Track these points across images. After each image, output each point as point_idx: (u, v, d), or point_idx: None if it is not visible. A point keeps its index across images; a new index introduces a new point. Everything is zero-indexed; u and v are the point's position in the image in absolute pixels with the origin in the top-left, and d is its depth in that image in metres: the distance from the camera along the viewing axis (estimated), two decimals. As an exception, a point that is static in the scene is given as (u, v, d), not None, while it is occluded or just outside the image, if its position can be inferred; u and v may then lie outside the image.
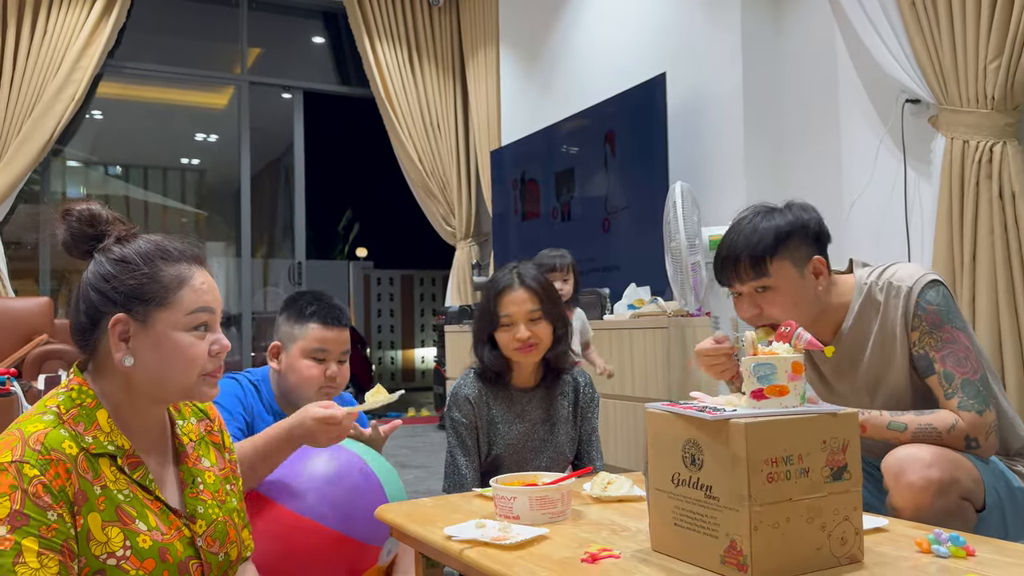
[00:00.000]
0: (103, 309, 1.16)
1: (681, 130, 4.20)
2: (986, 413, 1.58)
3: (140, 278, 1.17)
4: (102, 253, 1.19)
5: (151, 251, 1.19)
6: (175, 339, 1.17)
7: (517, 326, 2.01)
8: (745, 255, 1.67)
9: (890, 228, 3.44)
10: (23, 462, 1.04)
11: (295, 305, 1.95)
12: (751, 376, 1.19)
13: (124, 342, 1.16)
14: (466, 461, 2.04)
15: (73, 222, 1.18)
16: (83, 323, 1.18)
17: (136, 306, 1.16)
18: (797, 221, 1.69)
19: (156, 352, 1.17)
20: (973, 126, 3.00)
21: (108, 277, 1.17)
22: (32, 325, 4.85)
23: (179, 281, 1.19)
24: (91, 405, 1.16)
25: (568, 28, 5.37)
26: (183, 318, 1.18)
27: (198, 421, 1.34)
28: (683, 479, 1.20)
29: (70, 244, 1.19)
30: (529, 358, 2.04)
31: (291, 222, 7.00)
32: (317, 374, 1.90)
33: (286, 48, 7.38)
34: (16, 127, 5.34)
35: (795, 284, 1.67)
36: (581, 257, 4.85)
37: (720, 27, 4.03)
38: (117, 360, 1.16)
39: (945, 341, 1.62)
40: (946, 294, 1.65)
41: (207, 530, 1.24)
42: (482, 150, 6.47)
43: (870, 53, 3.38)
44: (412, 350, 13.62)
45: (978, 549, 1.20)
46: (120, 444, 1.16)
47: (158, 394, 1.20)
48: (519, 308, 2.02)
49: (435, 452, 5.14)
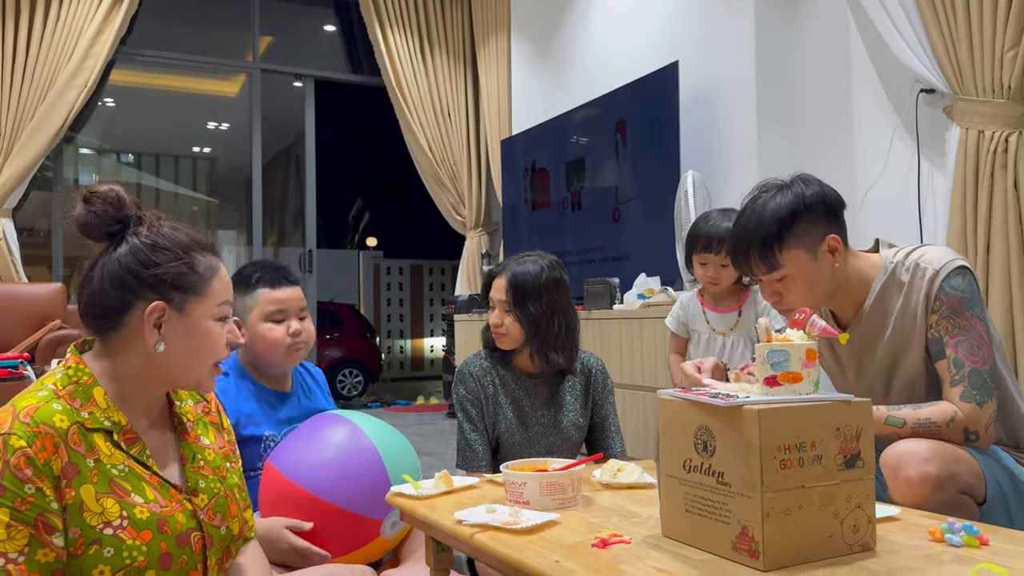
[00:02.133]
0: (138, 294, 1.18)
1: (693, 119, 4.18)
2: (986, 405, 1.56)
3: (181, 267, 1.19)
4: (136, 237, 1.19)
5: (188, 241, 1.22)
6: (206, 328, 1.21)
7: (494, 311, 2.11)
8: (754, 249, 1.65)
9: (903, 218, 3.42)
10: (10, 434, 1.06)
11: (241, 277, 2.00)
12: (764, 363, 1.19)
13: (157, 328, 1.18)
14: (477, 436, 2.09)
15: (98, 203, 1.18)
16: (112, 305, 1.18)
17: (174, 294, 1.18)
18: (800, 201, 1.64)
19: (187, 340, 1.20)
20: (988, 116, 2.98)
21: (147, 263, 1.18)
22: (45, 311, 4.89)
23: (212, 271, 1.23)
24: (88, 382, 1.18)
25: (580, 16, 5.34)
26: (214, 308, 1.22)
27: (195, 403, 1.37)
28: (695, 465, 1.20)
29: (91, 225, 1.19)
30: (501, 344, 2.11)
31: (302, 211, 7.01)
32: (280, 334, 1.94)
33: (298, 36, 7.37)
34: (29, 113, 5.36)
35: (809, 269, 1.65)
36: (591, 246, 4.86)
37: (733, 15, 4.00)
38: (150, 345, 1.18)
39: (962, 328, 1.60)
40: (972, 281, 1.62)
41: (208, 503, 1.26)
42: (493, 139, 6.46)
43: (884, 42, 3.36)
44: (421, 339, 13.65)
45: (992, 539, 1.20)
46: (117, 420, 1.18)
47: (175, 378, 1.23)
48: (496, 295, 2.11)
49: (444, 439, 5.16)
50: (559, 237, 5.22)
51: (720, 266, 2.37)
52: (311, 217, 6.95)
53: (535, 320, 2.07)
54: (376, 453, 1.76)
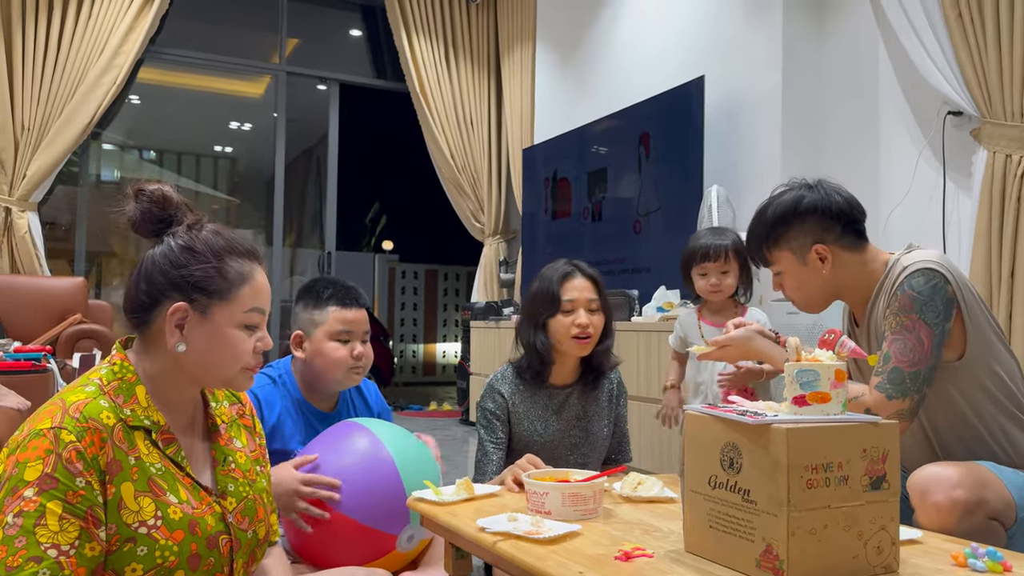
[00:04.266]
0: (166, 293, 1.19)
1: (717, 133, 4.18)
2: (896, 401, 1.59)
3: (208, 270, 1.19)
4: (173, 237, 1.21)
5: (221, 245, 1.22)
6: (228, 334, 1.21)
7: (578, 312, 2.02)
8: (752, 245, 1.81)
9: (927, 240, 3.41)
10: (61, 428, 1.07)
11: (311, 291, 1.98)
12: (794, 382, 1.19)
13: (179, 329, 1.19)
14: (496, 452, 2.05)
15: (145, 201, 1.20)
16: (142, 301, 1.20)
17: (198, 296, 1.19)
18: (794, 208, 1.73)
19: (208, 343, 1.20)
20: (1017, 140, 2.97)
21: (176, 263, 1.19)
22: (66, 304, 4.94)
23: (242, 278, 1.22)
24: (131, 380, 1.19)
25: (606, 28, 5.36)
26: (239, 315, 1.22)
27: (230, 404, 1.37)
28: (720, 482, 1.20)
29: (139, 222, 1.21)
30: (584, 350, 2.04)
31: (321, 213, 7.05)
32: (344, 355, 1.92)
33: (324, 40, 7.43)
34: (58, 109, 5.42)
35: (797, 271, 1.76)
36: (610, 258, 4.86)
37: (761, 31, 4.00)
38: (171, 345, 1.19)
39: (904, 327, 1.61)
40: (936, 286, 1.60)
41: (237, 507, 1.26)
42: (514, 148, 6.48)
43: (913, 63, 3.35)
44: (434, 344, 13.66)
45: (1015, 565, 1.19)
46: (156, 420, 1.19)
47: (201, 378, 1.24)
48: (582, 294, 2.04)
49: (457, 446, 5.16)
50: (578, 247, 5.22)
51: (720, 273, 2.46)
52: (331, 220, 6.98)
53: (610, 312, 2.09)
54: (393, 465, 1.74)
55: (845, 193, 1.76)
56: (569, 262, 2.11)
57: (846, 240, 1.74)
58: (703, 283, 2.48)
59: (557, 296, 2.03)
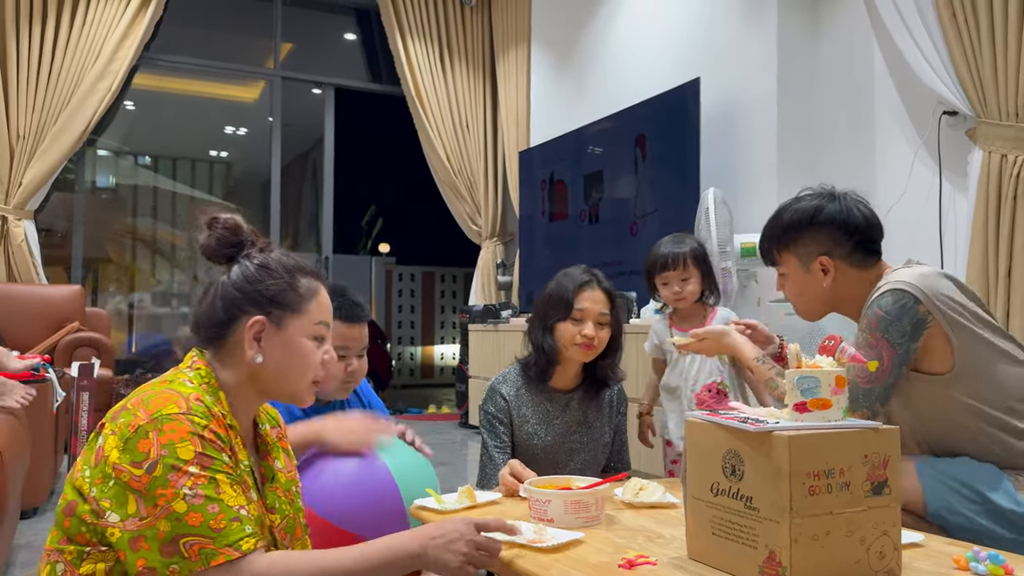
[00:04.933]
0: (243, 308, 1.26)
1: (713, 135, 4.19)
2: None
3: (282, 285, 1.28)
4: (247, 259, 1.29)
5: (291, 264, 1.31)
6: (301, 344, 1.28)
7: (587, 323, 2.04)
8: (763, 243, 1.84)
9: (924, 241, 3.42)
10: (192, 414, 1.14)
11: None
12: (795, 389, 1.19)
13: (257, 341, 1.26)
14: (501, 456, 2.05)
15: (219, 229, 1.29)
16: (220, 318, 1.27)
17: (274, 310, 1.27)
18: (810, 216, 1.74)
19: (283, 353, 1.27)
20: (1012, 140, 2.98)
21: (253, 280, 1.27)
22: (64, 312, 4.94)
23: (311, 293, 1.31)
24: (215, 385, 1.25)
25: (601, 30, 5.37)
26: (310, 327, 1.29)
27: (272, 428, 1.42)
28: (723, 489, 1.20)
29: (213, 249, 1.29)
30: (584, 357, 2.07)
31: (318, 216, 7.05)
32: (339, 369, 1.91)
33: (318, 44, 7.43)
34: (54, 117, 5.42)
35: (800, 277, 1.78)
36: (608, 260, 4.87)
37: (756, 33, 4.01)
38: (249, 357, 1.25)
39: (868, 345, 1.63)
40: (905, 306, 1.60)
41: (281, 523, 1.30)
42: (510, 150, 6.48)
43: (908, 63, 3.36)
44: (432, 347, 13.66)
45: (1016, 568, 1.20)
46: (234, 424, 1.25)
47: (272, 389, 1.30)
48: (594, 306, 2.05)
49: (456, 450, 5.16)
50: (575, 249, 5.23)
51: (680, 280, 2.48)
52: (328, 223, 6.99)
53: (620, 329, 2.10)
54: (389, 475, 1.73)
55: (865, 209, 1.77)
56: (588, 270, 2.12)
57: (855, 257, 1.74)
58: (666, 292, 2.51)
59: (570, 303, 2.06)
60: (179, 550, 1.06)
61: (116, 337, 6.75)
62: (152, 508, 1.07)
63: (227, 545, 1.08)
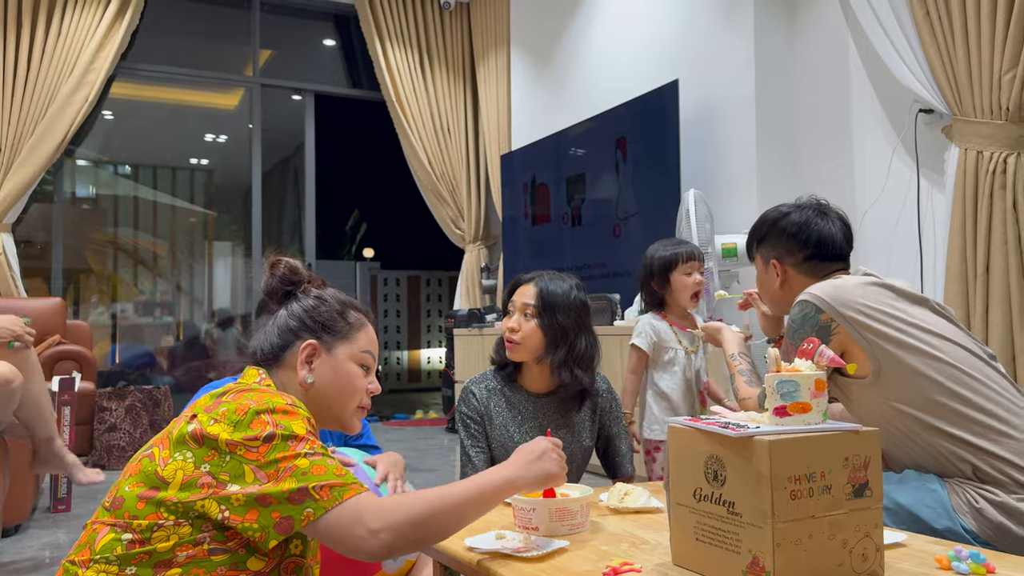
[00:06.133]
0: (298, 334, 1.40)
1: (693, 136, 4.21)
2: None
3: (334, 314, 1.43)
4: (304, 294, 1.45)
5: (343, 299, 1.47)
6: (348, 368, 1.41)
7: (512, 315, 2.08)
8: (747, 240, 2.03)
9: (903, 238, 3.45)
10: (297, 406, 1.25)
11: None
12: (774, 393, 1.20)
13: (308, 363, 1.38)
14: (479, 454, 2.07)
15: (280, 271, 1.45)
16: (276, 343, 1.41)
17: (325, 336, 1.41)
18: (769, 223, 1.92)
19: (332, 375, 1.40)
20: (987, 137, 3.01)
21: (308, 310, 1.42)
22: (45, 326, 4.88)
23: (360, 324, 1.46)
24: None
25: (580, 33, 5.38)
26: (358, 353, 1.43)
27: None
28: (705, 494, 1.21)
29: (275, 289, 1.45)
30: (512, 354, 2.07)
31: (300, 222, 7.02)
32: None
33: (297, 50, 7.40)
34: (30, 129, 5.37)
35: (761, 275, 1.98)
36: (591, 262, 4.88)
37: (733, 34, 4.03)
38: (301, 377, 1.38)
39: (786, 354, 1.72)
40: (807, 316, 1.71)
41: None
42: (492, 154, 6.48)
43: (883, 62, 3.39)
44: (418, 351, 13.64)
45: (998, 566, 1.21)
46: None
47: (320, 411, 1.39)
48: (520, 298, 2.09)
49: (444, 455, 5.15)
50: (559, 252, 5.23)
51: (699, 271, 2.60)
52: (310, 229, 6.96)
53: (562, 332, 2.05)
54: (376, 489, 1.75)
55: (832, 226, 1.87)
56: (545, 271, 2.14)
57: (804, 266, 1.88)
58: (690, 281, 2.58)
59: (506, 300, 2.14)
60: (310, 495, 1.15)
61: (99, 348, 6.70)
62: (274, 472, 1.16)
63: (352, 483, 1.19)
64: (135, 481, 1.19)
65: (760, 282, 2.00)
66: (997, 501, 1.53)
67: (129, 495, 1.18)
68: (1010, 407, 1.62)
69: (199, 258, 7.80)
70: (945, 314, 1.75)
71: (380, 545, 1.16)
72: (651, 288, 2.64)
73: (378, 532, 1.16)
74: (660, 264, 2.59)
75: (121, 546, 1.14)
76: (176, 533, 1.14)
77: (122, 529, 1.15)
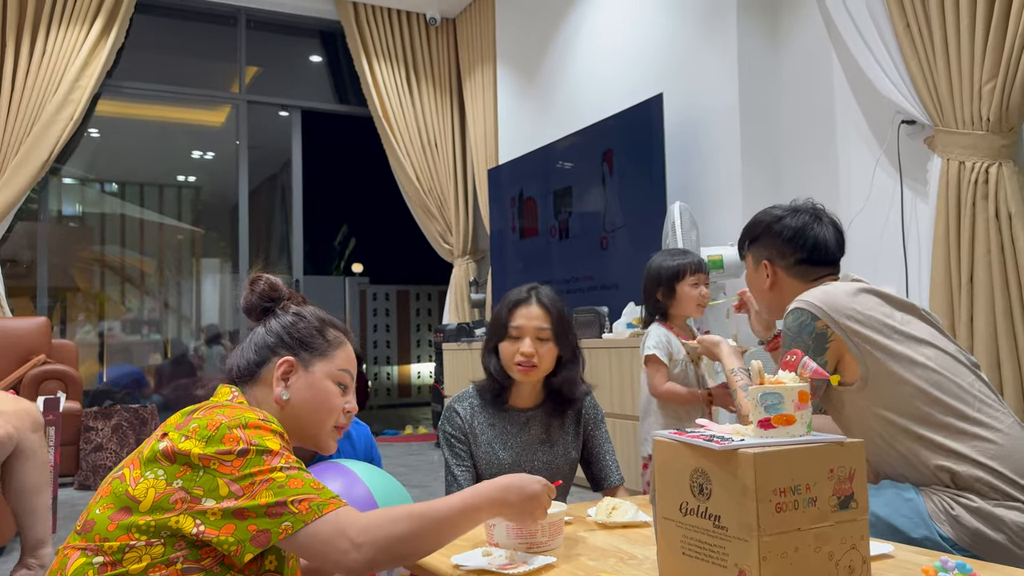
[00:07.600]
0: (275, 350, 1.39)
1: (678, 149, 4.23)
2: None
3: (312, 331, 1.41)
4: (282, 311, 1.44)
5: (322, 316, 1.46)
6: (325, 385, 1.39)
7: (523, 340, 2.01)
8: (739, 240, 2.02)
9: (887, 248, 3.47)
10: (270, 421, 1.24)
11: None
12: (758, 405, 1.20)
13: (284, 380, 1.37)
14: (464, 472, 2.05)
15: (260, 287, 1.44)
16: (252, 359, 1.39)
17: (303, 352, 1.39)
18: (764, 224, 1.92)
19: (308, 392, 1.37)
20: (969, 147, 3.03)
21: (286, 326, 1.41)
22: (30, 345, 4.85)
23: (338, 342, 1.44)
24: None
25: (565, 48, 5.40)
26: (335, 371, 1.41)
27: None
28: (691, 508, 1.20)
29: (254, 305, 1.44)
30: (527, 377, 2.03)
31: (288, 238, 7.00)
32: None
33: (284, 67, 7.40)
34: (15, 147, 5.34)
35: (752, 275, 1.97)
36: (579, 275, 4.88)
37: (716, 47, 4.06)
38: (276, 394, 1.36)
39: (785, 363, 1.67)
40: (804, 323, 1.70)
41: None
42: (479, 168, 6.50)
43: (865, 74, 3.42)
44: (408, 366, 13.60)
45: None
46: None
47: (295, 428, 1.37)
48: (528, 323, 2.03)
49: (433, 470, 5.13)
50: (547, 265, 5.24)
51: (705, 284, 2.60)
52: (298, 246, 6.94)
53: (574, 350, 2.07)
54: (371, 497, 1.75)
55: (826, 232, 1.87)
56: (532, 288, 2.10)
57: (795, 270, 1.88)
58: (696, 292, 2.58)
59: (505, 322, 2.05)
60: (288, 508, 1.15)
61: (87, 367, 6.65)
62: (249, 486, 1.15)
63: (332, 498, 1.19)
64: (106, 503, 1.17)
65: (750, 281, 1.99)
66: (973, 507, 1.54)
67: (100, 517, 1.16)
68: (991, 413, 1.63)
69: (187, 275, 7.77)
70: (932, 321, 1.75)
71: (362, 559, 1.15)
72: (655, 298, 2.62)
73: (360, 546, 1.15)
74: (668, 274, 2.58)
75: (93, 570, 1.13)
76: (148, 553, 1.13)
77: (93, 552, 1.14)
